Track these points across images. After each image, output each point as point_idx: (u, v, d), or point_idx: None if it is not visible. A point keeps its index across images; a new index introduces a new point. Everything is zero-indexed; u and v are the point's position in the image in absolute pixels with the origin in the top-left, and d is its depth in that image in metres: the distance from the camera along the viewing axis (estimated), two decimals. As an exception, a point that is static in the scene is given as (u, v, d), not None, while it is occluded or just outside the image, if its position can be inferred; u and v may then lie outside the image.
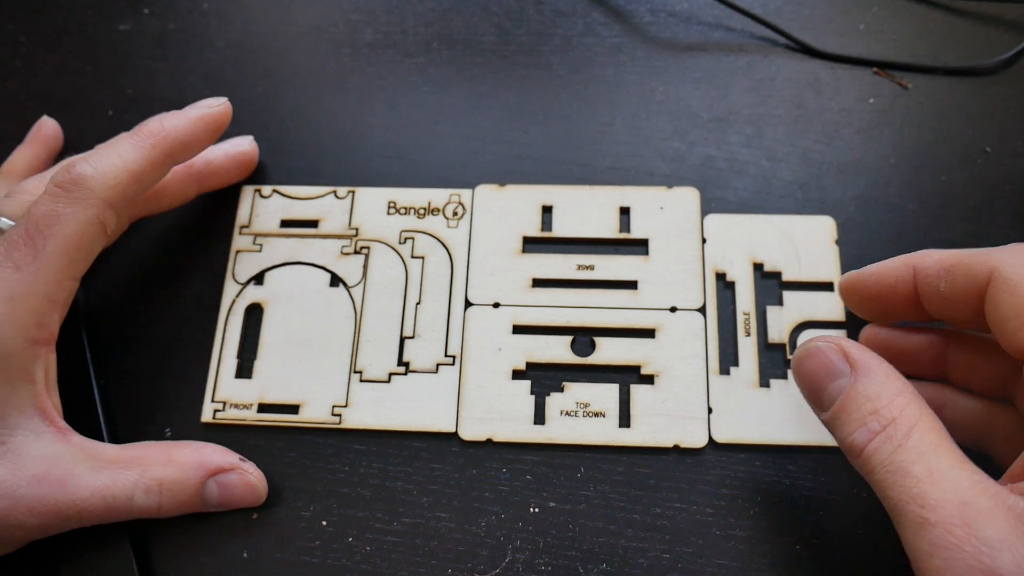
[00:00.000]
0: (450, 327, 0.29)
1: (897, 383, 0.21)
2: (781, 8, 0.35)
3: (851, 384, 0.21)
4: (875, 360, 0.22)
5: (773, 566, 0.25)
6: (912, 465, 0.19)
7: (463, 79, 0.34)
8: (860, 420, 0.21)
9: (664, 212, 0.30)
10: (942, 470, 0.19)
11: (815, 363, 0.22)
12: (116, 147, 0.26)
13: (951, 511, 0.18)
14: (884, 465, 0.20)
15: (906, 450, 0.20)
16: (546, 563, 0.26)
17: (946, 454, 0.19)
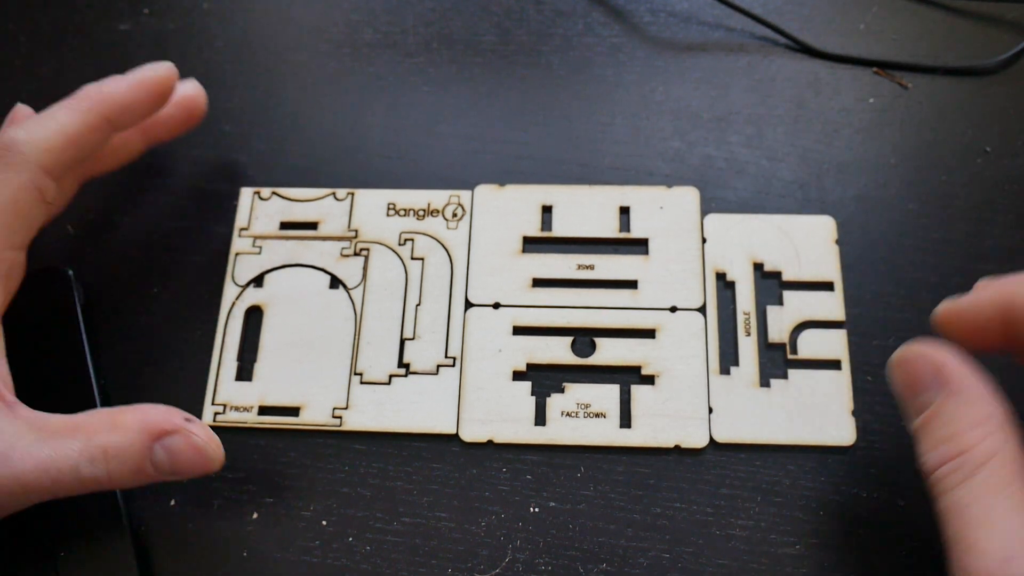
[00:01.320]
0: (450, 328, 0.29)
1: (985, 408, 0.20)
2: (781, 8, 0.35)
3: (939, 402, 0.20)
4: (969, 379, 0.20)
5: (773, 566, 0.25)
6: (972, 504, 0.18)
7: (463, 79, 0.34)
8: (937, 442, 0.20)
9: (664, 212, 0.30)
10: (1000, 515, 0.18)
11: (906, 372, 0.21)
12: (51, 112, 0.25)
13: (992, 562, 0.17)
14: (947, 496, 0.19)
15: (971, 486, 0.19)
16: (546, 563, 0.26)
17: (1012, 498, 0.18)
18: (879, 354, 0.28)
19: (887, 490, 0.26)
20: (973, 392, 0.20)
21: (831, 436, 0.27)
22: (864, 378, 0.28)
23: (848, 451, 0.27)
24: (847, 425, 0.27)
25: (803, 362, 0.28)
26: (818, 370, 0.28)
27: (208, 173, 0.33)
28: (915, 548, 0.25)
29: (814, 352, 0.28)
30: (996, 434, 0.19)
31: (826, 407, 0.27)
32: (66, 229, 0.32)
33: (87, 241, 0.32)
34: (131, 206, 0.32)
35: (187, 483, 0.27)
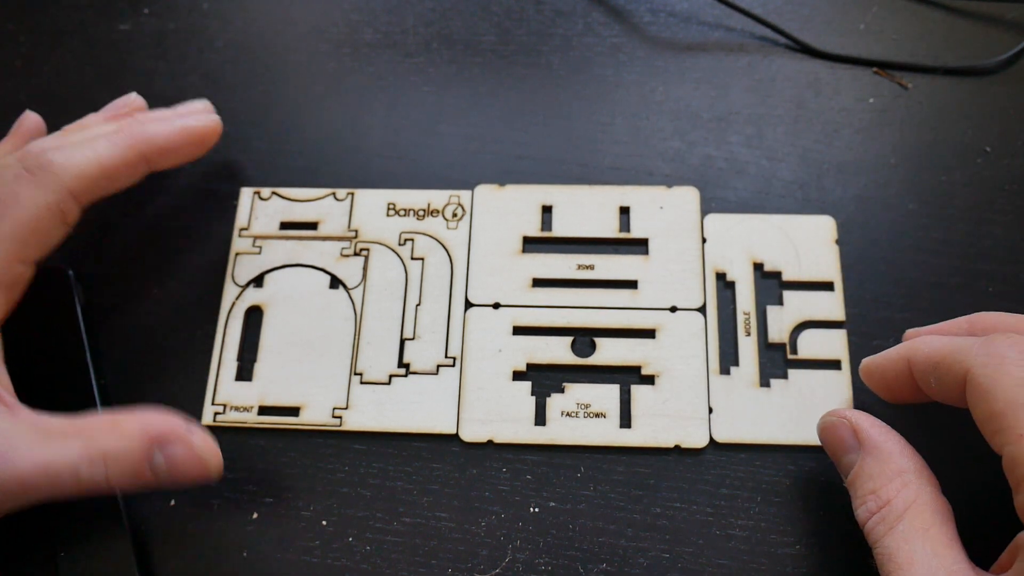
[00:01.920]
0: (450, 328, 0.29)
1: (900, 463, 0.22)
2: (781, 8, 0.35)
3: (858, 461, 0.22)
4: (884, 437, 0.22)
5: (773, 566, 0.25)
6: (897, 550, 0.20)
7: (463, 79, 0.34)
8: (863, 498, 0.22)
9: (664, 212, 0.30)
10: (923, 558, 0.20)
11: (830, 436, 0.24)
12: (93, 143, 0.25)
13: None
14: (878, 545, 0.21)
15: (894, 534, 0.21)
16: (546, 563, 0.26)
17: (932, 540, 0.20)
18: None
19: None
20: (885, 450, 0.22)
21: (831, 436, 0.27)
22: (864, 378, 0.28)
23: (848, 451, 0.27)
24: (847, 425, 0.27)
25: (803, 362, 0.28)
26: (818, 370, 0.28)
27: (208, 173, 0.33)
28: (915, 548, 0.25)
29: (814, 352, 0.28)
30: (911, 485, 0.21)
31: (826, 407, 0.27)
32: (66, 229, 0.32)
33: (87, 241, 0.32)
34: (131, 206, 0.32)
35: (187, 483, 0.27)
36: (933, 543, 0.20)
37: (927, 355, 0.22)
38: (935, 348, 0.22)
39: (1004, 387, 0.20)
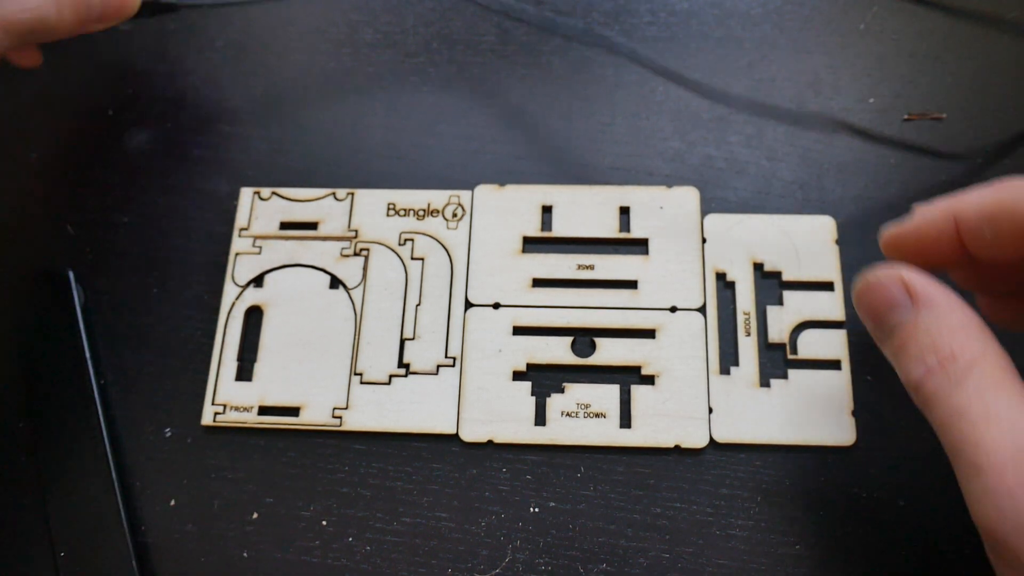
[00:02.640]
0: (450, 328, 0.29)
1: (960, 315, 0.19)
2: (781, 8, 0.35)
3: (912, 318, 0.20)
4: (938, 291, 0.20)
5: (773, 566, 0.25)
6: (969, 405, 0.18)
7: (463, 79, 0.34)
8: (920, 356, 0.19)
9: (664, 212, 0.30)
10: (1001, 410, 0.17)
11: (875, 297, 0.21)
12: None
13: (1005, 456, 0.17)
14: (941, 405, 0.18)
15: (964, 388, 0.18)
16: (546, 563, 0.26)
17: (1009, 392, 0.18)
18: (879, 354, 0.28)
19: (887, 490, 0.26)
20: (945, 302, 0.20)
21: (831, 436, 0.27)
22: (864, 378, 0.28)
23: (848, 451, 0.27)
24: (847, 425, 0.27)
25: (803, 362, 0.28)
26: (818, 370, 0.28)
27: (208, 173, 0.33)
28: (915, 548, 0.25)
29: (814, 352, 0.28)
30: (977, 336, 0.19)
31: (826, 407, 0.27)
32: (66, 229, 0.32)
33: (87, 241, 0.32)
34: (131, 206, 0.32)
35: (187, 483, 0.27)
36: (1012, 395, 0.18)
37: (979, 206, 0.20)
38: (988, 197, 0.20)
39: None
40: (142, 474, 0.28)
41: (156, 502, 0.27)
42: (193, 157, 0.33)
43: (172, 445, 0.28)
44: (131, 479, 0.28)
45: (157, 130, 0.34)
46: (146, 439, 0.28)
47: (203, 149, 0.33)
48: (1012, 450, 0.17)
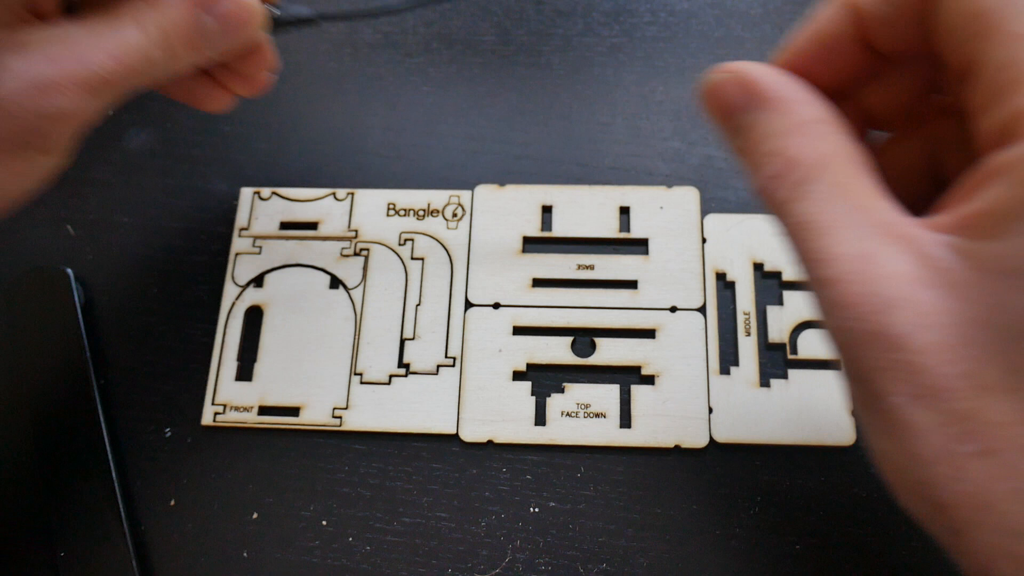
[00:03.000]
0: (450, 328, 0.29)
1: (808, 111, 0.17)
2: (781, 8, 0.35)
3: (755, 119, 0.18)
4: (786, 87, 0.18)
5: (773, 566, 0.25)
6: (816, 214, 0.16)
7: (463, 79, 0.34)
8: (761, 161, 0.17)
9: (664, 212, 0.30)
10: (849, 217, 0.16)
11: (717, 99, 0.19)
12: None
13: (850, 266, 0.15)
14: (787, 214, 0.17)
15: (810, 197, 0.16)
16: (546, 563, 0.26)
17: (858, 196, 0.16)
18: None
19: (887, 490, 0.26)
20: (793, 99, 0.18)
21: (831, 436, 0.27)
22: (864, 378, 0.28)
23: (848, 451, 0.27)
24: (847, 425, 0.27)
25: (803, 362, 0.28)
26: (818, 370, 0.28)
27: (208, 173, 0.33)
28: (915, 548, 0.25)
29: (814, 352, 0.28)
30: (828, 136, 0.17)
31: (826, 407, 0.27)
32: (66, 229, 0.32)
33: (87, 241, 0.32)
34: (131, 206, 0.32)
35: (187, 483, 0.27)
36: (861, 199, 0.16)
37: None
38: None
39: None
40: (142, 474, 0.28)
41: (156, 502, 0.27)
42: (193, 157, 0.33)
43: (172, 445, 0.28)
44: (131, 479, 0.28)
45: (157, 130, 0.34)
46: (146, 439, 0.28)
47: (203, 149, 0.33)
48: (858, 259, 0.15)
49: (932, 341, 0.14)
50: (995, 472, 0.14)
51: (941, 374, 0.14)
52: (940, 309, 0.14)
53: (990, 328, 0.14)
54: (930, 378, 0.14)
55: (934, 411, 0.14)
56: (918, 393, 0.15)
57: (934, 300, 0.15)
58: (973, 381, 0.14)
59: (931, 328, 0.14)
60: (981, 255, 0.14)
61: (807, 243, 0.16)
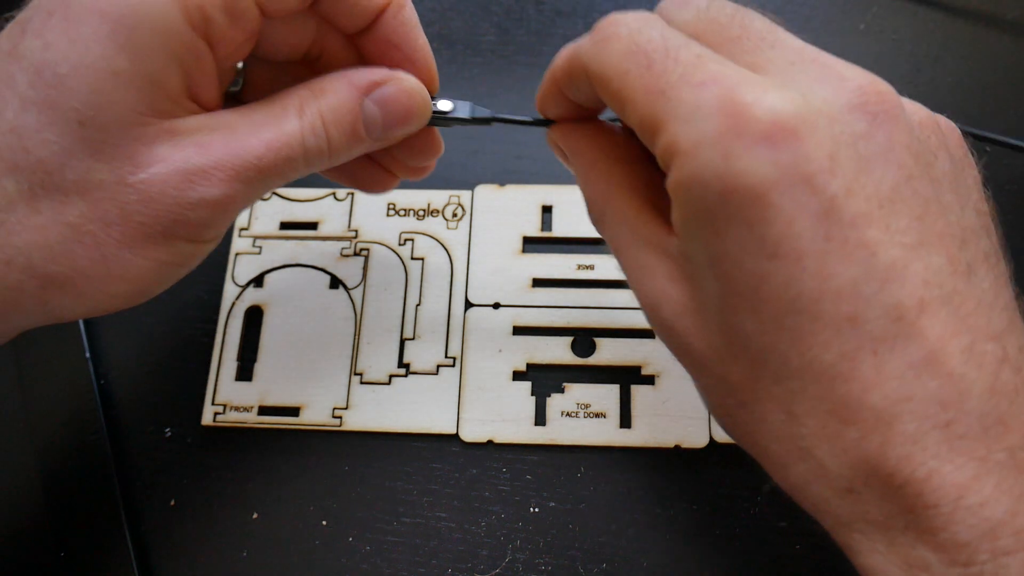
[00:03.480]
0: (450, 328, 0.29)
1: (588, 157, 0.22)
2: (781, 8, 0.35)
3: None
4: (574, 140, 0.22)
5: (773, 566, 0.25)
6: (611, 240, 0.21)
7: (463, 79, 0.34)
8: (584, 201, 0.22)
9: (664, 212, 0.30)
10: (628, 237, 0.20)
11: (556, 154, 0.24)
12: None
13: (634, 276, 0.20)
14: (607, 243, 0.21)
15: (605, 227, 0.21)
16: (546, 563, 0.26)
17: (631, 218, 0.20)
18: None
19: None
20: (577, 151, 0.22)
21: (831, 436, 0.27)
22: (864, 378, 0.28)
23: (848, 451, 0.27)
24: (847, 425, 0.27)
25: (803, 362, 0.28)
26: (818, 370, 0.28)
27: (208, 173, 0.33)
28: (915, 548, 0.25)
29: (814, 352, 0.28)
30: (601, 177, 0.21)
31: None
32: (66, 229, 0.32)
33: (87, 241, 0.31)
34: (131, 206, 0.32)
35: (187, 483, 0.27)
36: (630, 221, 0.20)
37: (560, 66, 0.21)
38: (563, 56, 0.21)
39: (611, 65, 0.18)
40: (142, 474, 0.28)
41: (156, 502, 0.27)
42: (193, 157, 0.33)
43: (172, 445, 0.28)
44: (131, 479, 0.28)
45: (157, 130, 0.34)
46: (146, 439, 0.28)
47: (203, 149, 0.33)
48: (637, 271, 0.20)
49: (686, 325, 0.18)
50: (749, 418, 0.18)
51: (697, 349, 0.18)
52: (684, 298, 0.18)
53: (708, 309, 0.18)
54: (695, 353, 0.18)
55: (707, 376, 0.19)
56: (694, 365, 0.19)
57: (680, 292, 0.18)
58: (714, 351, 0.18)
59: (683, 315, 0.18)
60: (687, 252, 0.18)
61: (617, 259, 0.21)
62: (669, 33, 0.18)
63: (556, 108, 0.23)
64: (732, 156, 0.16)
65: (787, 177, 0.16)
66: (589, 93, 0.20)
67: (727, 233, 0.16)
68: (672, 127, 0.17)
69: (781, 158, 0.16)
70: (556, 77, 0.21)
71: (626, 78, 0.18)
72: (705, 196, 0.16)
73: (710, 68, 0.17)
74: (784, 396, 0.17)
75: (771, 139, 0.16)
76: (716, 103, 0.16)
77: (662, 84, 0.17)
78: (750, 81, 0.16)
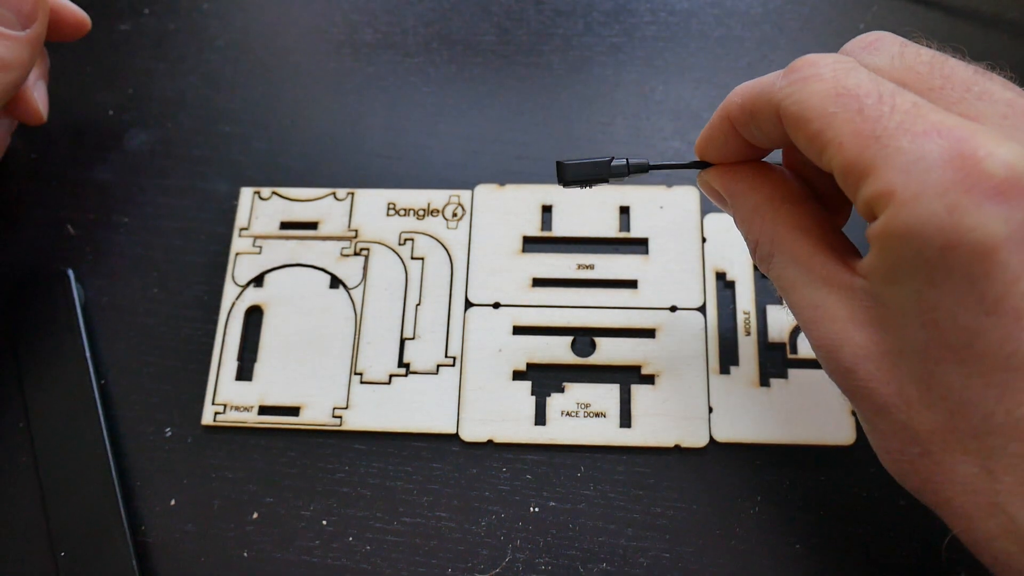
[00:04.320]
0: (450, 328, 0.29)
1: (751, 200, 0.22)
2: (781, 8, 0.35)
3: (730, 212, 0.23)
4: (734, 183, 0.23)
5: (773, 566, 0.25)
6: (780, 280, 0.21)
7: (463, 79, 0.34)
8: (745, 244, 0.23)
9: (664, 211, 0.30)
10: (800, 277, 0.20)
11: (710, 197, 0.24)
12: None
13: (807, 316, 0.20)
14: (770, 279, 0.22)
15: (774, 267, 0.21)
16: (546, 563, 0.26)
17: (805, 257, 0.20)
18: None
19: (887, 490, 0.26)
20: (738, 193, 0.22)
21: (831, 436, 0.27)
22: (864, 378, 0.28)
23: (848, 451, 0.27)
24: (847, 425, 0.27)
25: (803, 362, 0.28)
26: (818, 370, 0.28)
27: (208, 173, 0.33)
28: (915, 548, 0.25)
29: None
30: (767, 218, 0.21)
31: (826, 407, 0.27)
32: (66, 229, 0.32)
33: (87, 241, 0.32)
34: (131, 206, 0.32)
35: (187, 483, 0.27)
36: (803, 260, 0.20)
37: (739, 104, 0.21)
38: (744, 94, 0.21)
39: (812, 106, 0.18)
40: (142, 474, 0.28)
41: (156, 502, 0.27)
42: (193, 157, 0.33)
43: (172, 445, 0.28)
44: (131, 479, 0.28)
45: (157, 130, 0.34)
46: (146, 439, 0.28)
47: (203, 149, 0.33)
48: (811, 308, 0.20)
49: (870, 370, 0.18)
50: (934, 469, 0.18)
51: (881, 395, 0.18)
52: (871, 342, 0.18)
53: (904, 355, 0.18)
54: (878, 398, 0.18)
55: (888, 423, 0.18)
56: (874, 409, 0.19)
57: (866, 336, 0.18)
58: (903, 399, 0.18)
59: (867, 359, 0.18)
60: (881, 297, 0.18)
61: (786, 301, 0.21)
62: (878, 78, 0.18)
63: (722, 148, 0.23)
64: (959, 210, 0.16)
65: (1018, 234, 0.15)
66: (771, 133, 0.20)
67: (943, 285, 0.16)
68: (887, 175, 0.17)
69: (1014, 215, 0.15)
70: (731, 114, 0.22)
71: (832, 120, 0.18)
72: (922, 247, 0.16)
73: (931, 118, 0.17)
74: (982, 450, 0.17)
75: (1004, 195, 0.15)
76: (943, 154, 0.16)
77: (877, 130, 0.17)
78: (980, 134, 0.16)
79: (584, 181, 0.23)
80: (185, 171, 0.33)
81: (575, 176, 0.22)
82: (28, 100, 0.30)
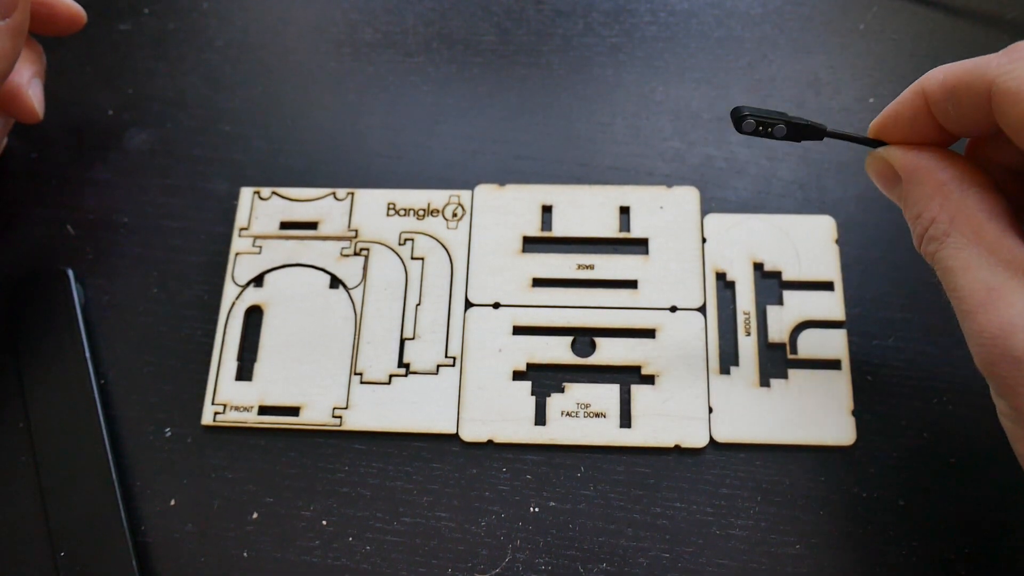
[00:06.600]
0: (450, 328, 0.29)
1: (937, 177, 0.21)
2: (781, 8, 0.35)
3: (902, 191, 0.22)
4: (917, 160, 0.22)
5: (773, 566, 0.25)
6: (951, 260, 0.20)
7: (463, 79, 0.34)
8: (912, 224, 0.22)
9: (664, 212, 0.30)
10: (979, 259, 0.19)
11: (874, 178, 0.23)
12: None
13: (978, 299, 0.19)
14: (935, 263, 0.21)
15: (946, 247, 0.20)
16: (546, 563, 0.26)
17: (987, 239, 0.19)
18: (879, 354, 0.28)
19: (887, 490, 0.26)
20: (921, 171, 0.21)
21: (831, 436, 0.27)
22: (864, 378, 0.28)
23: (848, 451, 0.27)
24: (847, 425, 0.27)
25: (803, 362, 0.28)
26: (818, 370, 0.28)
27: (208, 173, 0.33)
28: (915, 548, 0.25)
29: (814, 352, 0.28)
30: (952, 196, 0.20)
31: (826, 407, 0.27)
32: (66, 229, 0.32)
33: (87, 241, 0.32)
34: (131, 206, 0.32)
35: (187, 483, 0.27)
36: (987, 242, 0.19)
37: (942, 80, 0.21)
38: (951, 71, 0.21)
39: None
40: (142, 474, 0.28)
41: (156, 502, 0.27)
42: (193, 157, 0.33)
43: (172, 445, 0.28)
44: (131, 479, 0.28)
45: (157, 130, 0.34)
46: (146, 439, 0.28)
47: (203, 149, 0.33)
48: (984, 292, 0.19)
49: None
50: None
51: None
52: None
53: None
54: None
55: None
56: None
57: None
58: None
59: None
60: None
61: (949, 284, 0.20)
62: None
63: (908, 127, 0.22)
64: None
65: None
66: (970, 115, 0.20)
67: None
68: None
69: None
70: (928, 91, 0.21)
71: None
72: None
73: None
74: None
75: None
76: None
77: None
78: None
79: (762, 122, 0.23)
80: (185, 171, 0.33)
81: (754, 114, 0.22)
82: (23, 98, 0.29)
